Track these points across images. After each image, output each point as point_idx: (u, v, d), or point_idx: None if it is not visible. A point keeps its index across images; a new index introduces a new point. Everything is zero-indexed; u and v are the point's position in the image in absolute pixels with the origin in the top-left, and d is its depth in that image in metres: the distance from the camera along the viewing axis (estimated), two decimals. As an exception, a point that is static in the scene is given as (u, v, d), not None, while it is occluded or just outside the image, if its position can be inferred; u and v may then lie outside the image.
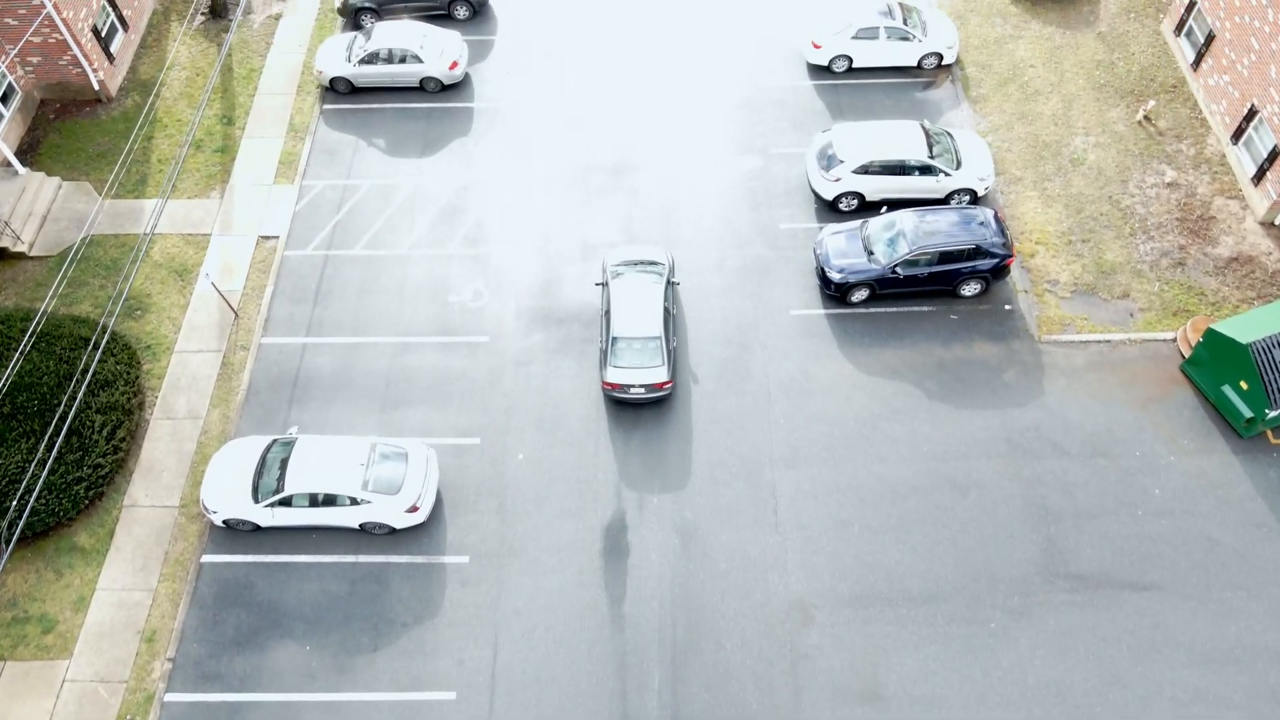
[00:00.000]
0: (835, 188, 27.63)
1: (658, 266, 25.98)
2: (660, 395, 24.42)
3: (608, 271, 25.99)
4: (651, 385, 24.12)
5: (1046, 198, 28.31)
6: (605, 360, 24.35)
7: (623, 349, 24.24)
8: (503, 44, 33.61)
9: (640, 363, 24.10)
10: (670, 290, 25.73)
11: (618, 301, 24.86)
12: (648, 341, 24.24)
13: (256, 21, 34.49)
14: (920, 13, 31.78)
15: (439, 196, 29.34)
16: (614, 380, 24.14)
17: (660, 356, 24.15)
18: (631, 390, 24.25)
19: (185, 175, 29.92)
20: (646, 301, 24.74)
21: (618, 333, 24.37)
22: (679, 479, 23.64)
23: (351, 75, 31.45)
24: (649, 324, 24.42)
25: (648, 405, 24.78)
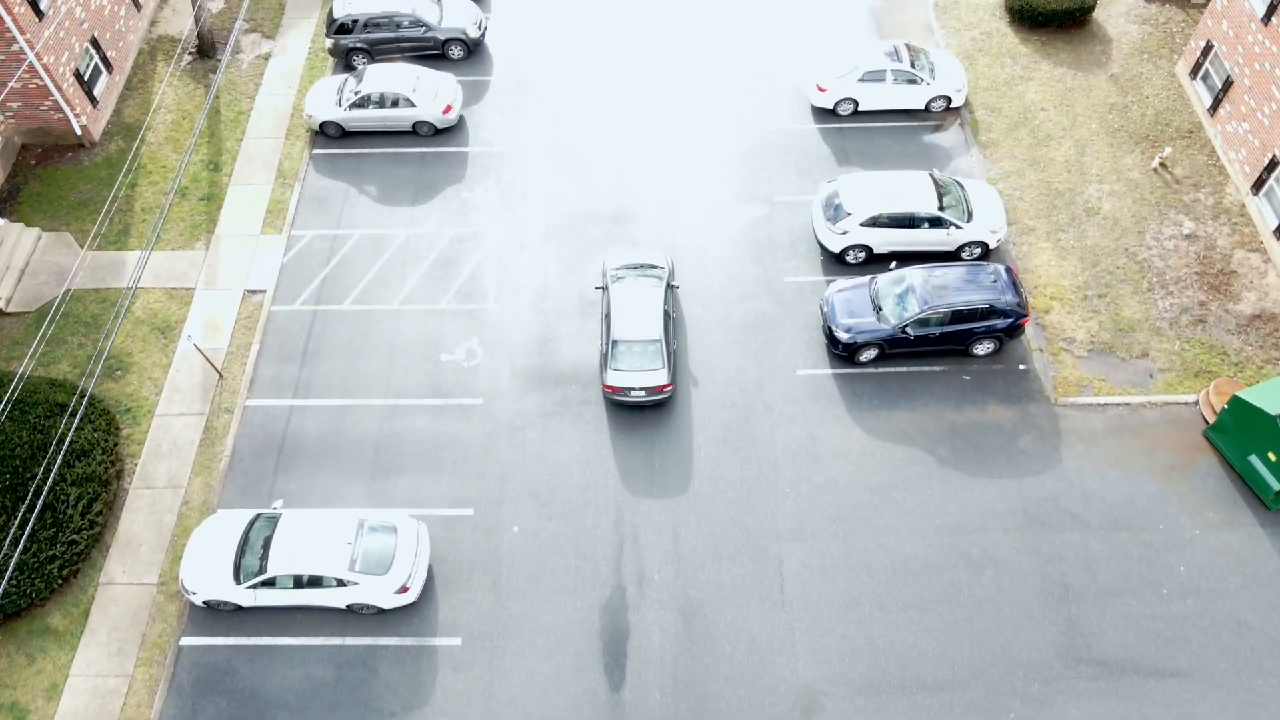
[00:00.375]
0: (842, 240, 26.68)
1: (658, 270, 25.98)
2: (661, 398, 24.37)
3: (608, 275, 25.94)
4: (652, 388, 24.12)
5: (1060, 249, 27.36)
6: (605, 363, 24.33)
7: (623, 352, 24.23)
8: (498, 85, 32.68)
9: (640, 365, 24.12)
10: (670, 293, 25.78)
11: (618, 305, 24.88)
12: (648, 345, 24.25)
13: (245, 61, 33.56)
14: (928, 54, 30.88)
15: (432, 247, 28.36)
16: (614, 383, 24.12)
17: (660, 359, 24.16)
18: (632, 393, 24.20)
19: (169, 225, 28.94)
20: (646, 305, 24.76)
21: (618, 336, 24.37)
22: (681, 552, 22.60)
23: (342, 120, 30.49)
24: (649, 327, 24.41)
25: (647, 466, 23.80)
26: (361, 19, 32.07)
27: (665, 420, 24.69)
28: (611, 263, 26.38)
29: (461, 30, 32.60)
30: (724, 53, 33.33)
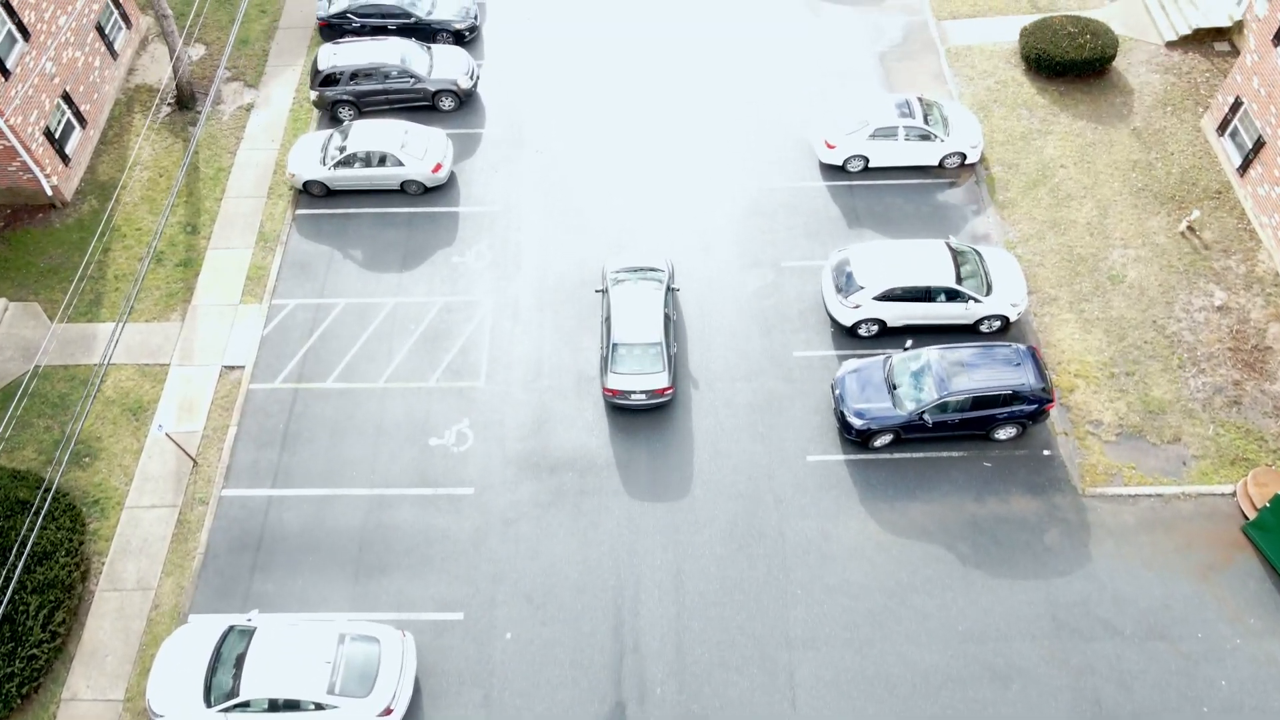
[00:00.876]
0: (854, 315, 25.21)
1: (658, 273, 25.84)
2: (661, 401, 24.36)
3: (608, 278, 25.83)
4: (652, 391, 24.09)
5: (1084, 322, 25.91)
6: (606, 366, 24.29)
7: (623, 355, 24.20)
8: (491, 138, 31.19)
9: (641, 368, 24.11)
10: (670, 296, 25.75)
11: (618, 308, 24.86)
12: (648, 347, 24.20)
13: (226, 113, 32.07)
14: (942, 108, 29.41)
15: (420, 317, 26.87)
16: (614, 386, 24.09)
17: (661, 362, 24.13)
18: (632, 396, 24.18)
19: (144, 294, 27.45)
20: (647, 308, 24.74)
21: (618, 339, 24.34)
22: (685, 663, 21.07)
23: (326, 179, 28.99)
24: (649, 330, 24.38)
25: (649, 565, 22.28)
26: (347, 70, 30.57)
27: (669, 515, 23.19)
28: (611, 266, 26.24)
29: (453, 81, 31.12)
30: (727, 103, 31.86)
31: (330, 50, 31.00)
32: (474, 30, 33.61)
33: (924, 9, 34.31)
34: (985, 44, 32.89)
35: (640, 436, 24.51)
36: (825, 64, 32.74)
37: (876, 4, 34.58)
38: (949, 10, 34.11)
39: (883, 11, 34.33)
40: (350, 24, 32.90)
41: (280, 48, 34.03)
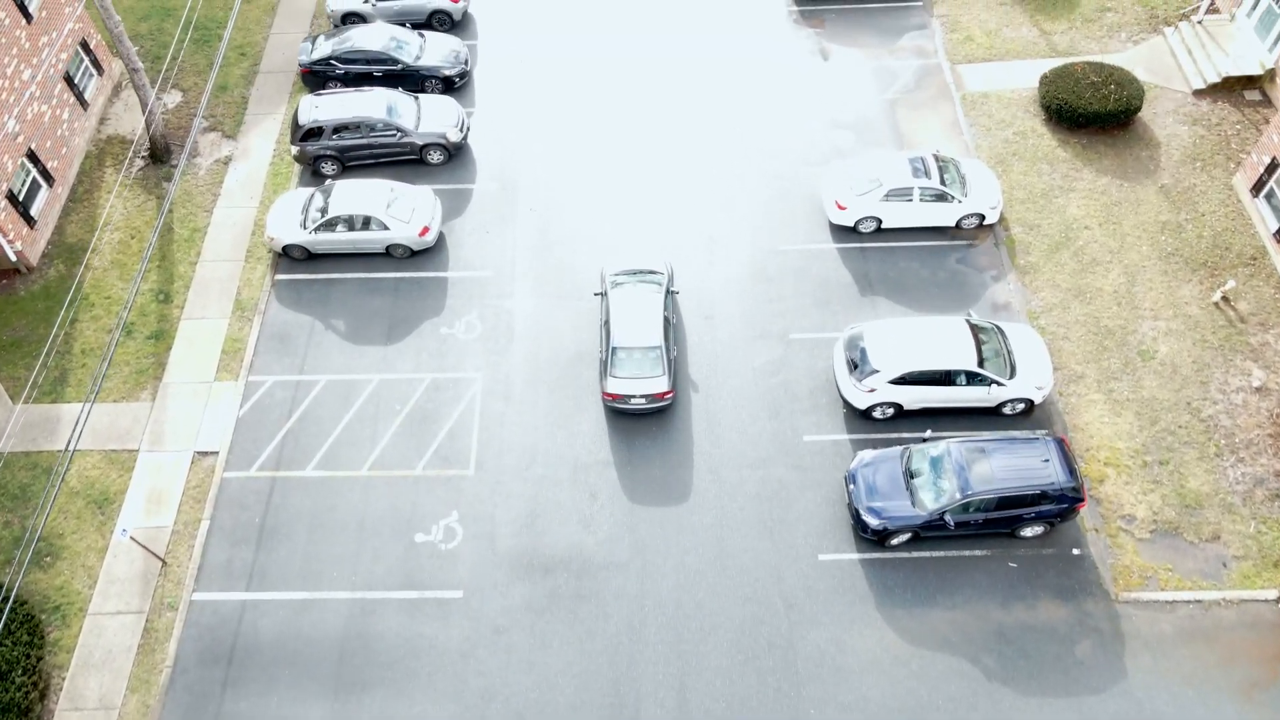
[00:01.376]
0: (869, 398, 23.63)
1: (657, 276, 25.70)
2: (661, 405, 24.21)
3: (606, 281, 25.66)
4: (652, 395, 23.95)
5: (1113, 403, 24.33)
6: (605, 371, 24.14)
7: (623, 359, 24.05)
8: (482, 195, 29.54)
9: (641, 373, 23.97)
10: (670, 299, 25.67)
11: (617, 311, 24.72)
12: (648, 351, 24.08)
13: (203, 167, 30.40)
14: (959, 166, 27.78)
15: (406, 396, 25.29)
16: (614, 391, 23.94)
17: (661, 366, 24.02)
18: (632, 400, 24.08)
19: (113, 370, 25.84)
20: (646, 311, 24.62)
21: (617, 343, 24.18)
22: (690, 787, 19.58)
23: (307, 243, 27.35)
24: (649, 334, 24.24)
25: (650, 682, 20.69)
26: (329, 124, 28.90)
27: (672, 622, 21.52)
28: (610, 269, 25.98)
29: (441, 135, 29.43)
30: (731, 157, 30.18)
31: (311, 103, 29.33)
32: (465, 76, 31.96)
33: (937, 52, 32.64)
34: (1003, 90, 31.24)
35: (640, 532, 22.92)
36: (835, 112, 31.06)
37: (887, 47, 32.93)
38: (964, 54, 32.44)
39: (894, 55, 32.67)
40: (333, 70, 31.23)
41: (260, 94, 32.34)
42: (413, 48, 31.48)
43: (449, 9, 33.35)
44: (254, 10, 34.93)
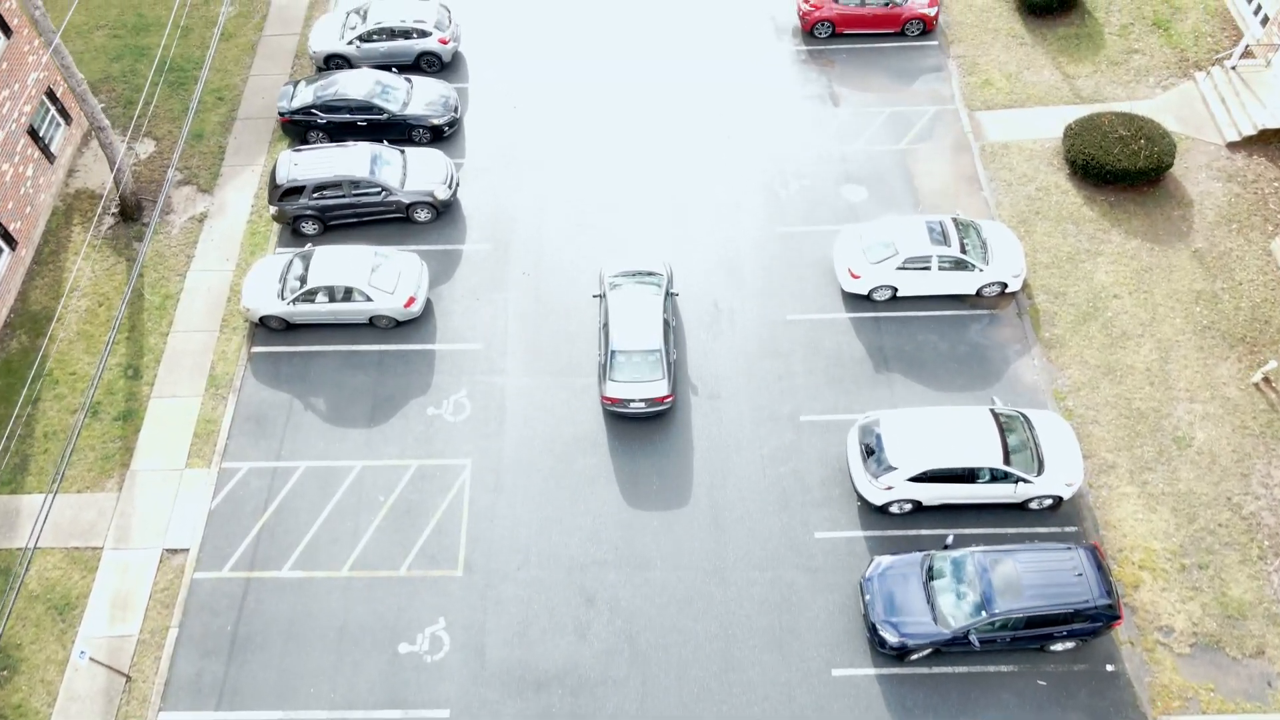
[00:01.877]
0: (885, 495, 22.00)
1: (656, 277, 25.44)
2: (660, 409, 24.00)
3: (605, 283, 25.43)
4: (652, 399, 23.75)
5: (1148, 496, 22.72)
6: (604, 374, 23.94)
7: (622, 363, 23.83)
8: (472, 256, 27.83)
9: (640, 376, 23.76)
10: (669, 301, 25.42)
11: (616, 314, 24.48)
12: (647, 355, 23.87)
13: (176, 225, 28.68)
14: (979, 230, 26.06)
15: (391, 485, 23.64)
16: (613, 395, 23.73)
17: (660, 370, 23.81)
18: (631, 405, 23.88)
19: (77, 455, 24.22)
20: (645, 314, 24.41)
21: (616, 346, 23.99)
22: None
23: (285, 314, 25.66)
24: (648, 337, 24.02)
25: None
26: (309, 184, 27.18)
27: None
28: (609, 270, 25.72)
29: (428, 193, 27.70)
30: (736, 214, 28.39)
31: (289, 160, 27.57)
32: (454, 125, 30.20)
33: (954, 97, 30.86)
34: (1024, 141, 29.49)
35: (641, 642, 21.29)
36: (847, 163, 29.26)
37: (901, 90, 31.14)
38: (982, 99, 30.67)
39: (908, 100, 30.89)
40: (315, 120, 29.44)
41: (238, 143, 30.58)
42: (399, 95, 29.71)
43: (438, 51, 31.57)
44: (232, 50, 33.13)
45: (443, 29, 31.46)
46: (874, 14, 31.92)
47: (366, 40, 31.31)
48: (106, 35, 33.59)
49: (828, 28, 32.32)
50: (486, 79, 32.21)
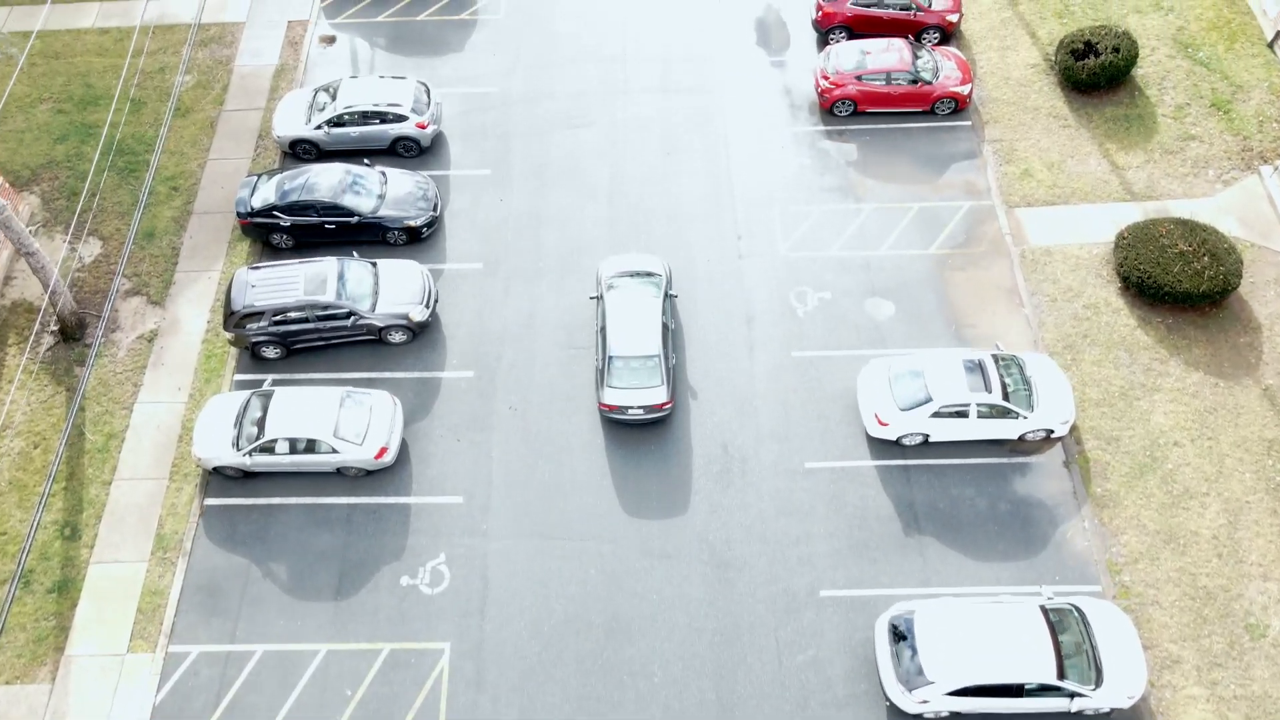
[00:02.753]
0: (920, 708, 19.29)
1: (655, 277, 24.82)
2: (659, 416, 23.61)
3: (602, 283, 24.84)
4: (650, 406, 23.32)
5: (1218, 700, 19.97)
6: (601, 381, 23.49)
7: (620, 369, 23.33)
8: (453, 387, 24.82)
9: (639, 383, 23.31)
10: (669, 303, 24.90)
11: (613, 317, 23.96)
12: (646, 360, 23.38)
13: (123, 345, 25.73)
14: (1023, 368, 23.05)
15: (358, 675, 20.83)
16: (611, 402, 23.31)
17: (659, 376, 23.35)
18: (630, 411, 23.42)
19: (6, 637, 21.46)
20: (644, 317, 23.89)
21: (614, 351, 23.46)
22: None
23: (242, 465, 22.87)
24: (647, 342, 23.52)
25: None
26: (268, 310, 24.25)
27: None
28: (606, 270, 25.14)
29: (403, 315, 24.73)
30: (748, 339, 25.38)
31: (245, 281, 24.50)
32: (434, 224, 27.16)
33: (990, 190, 27.71)
34: (1069, 246, 26.42)
35: None
36: (872, 274, 26.06)
37: (931, 182, 27.99)
38: (1022, 194, 27.54)
39: (939, 193, 27.76)
40: (279, 224, 26.42)
41: (194, 243, 27.49)
42: (372, 191, 26.59)
43: (415, 135, 28.40)
44: (188, 128, 29.95)
45: (420, 112, 28.26)
46: (901, 92, 28.71)
47: (337, 124, 28.14)
48: (51, 110, 30.39)
49: (849, 106, 29.16)
50: (471, 163, 29.09)
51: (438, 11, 32.78)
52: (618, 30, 32.09)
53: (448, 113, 30.13)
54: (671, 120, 29.72)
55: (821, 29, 30.69)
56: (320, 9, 32.87)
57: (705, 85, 30.56)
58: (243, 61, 31.63)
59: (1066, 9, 31.31)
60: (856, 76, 28.53)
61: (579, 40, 31.86)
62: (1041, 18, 31.26)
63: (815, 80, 29.37)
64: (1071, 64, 28.69)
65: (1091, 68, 28.36)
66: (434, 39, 32.04)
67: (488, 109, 30.26)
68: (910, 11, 30.08)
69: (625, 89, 30.54)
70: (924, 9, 30.06)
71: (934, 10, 30.15)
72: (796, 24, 31.92)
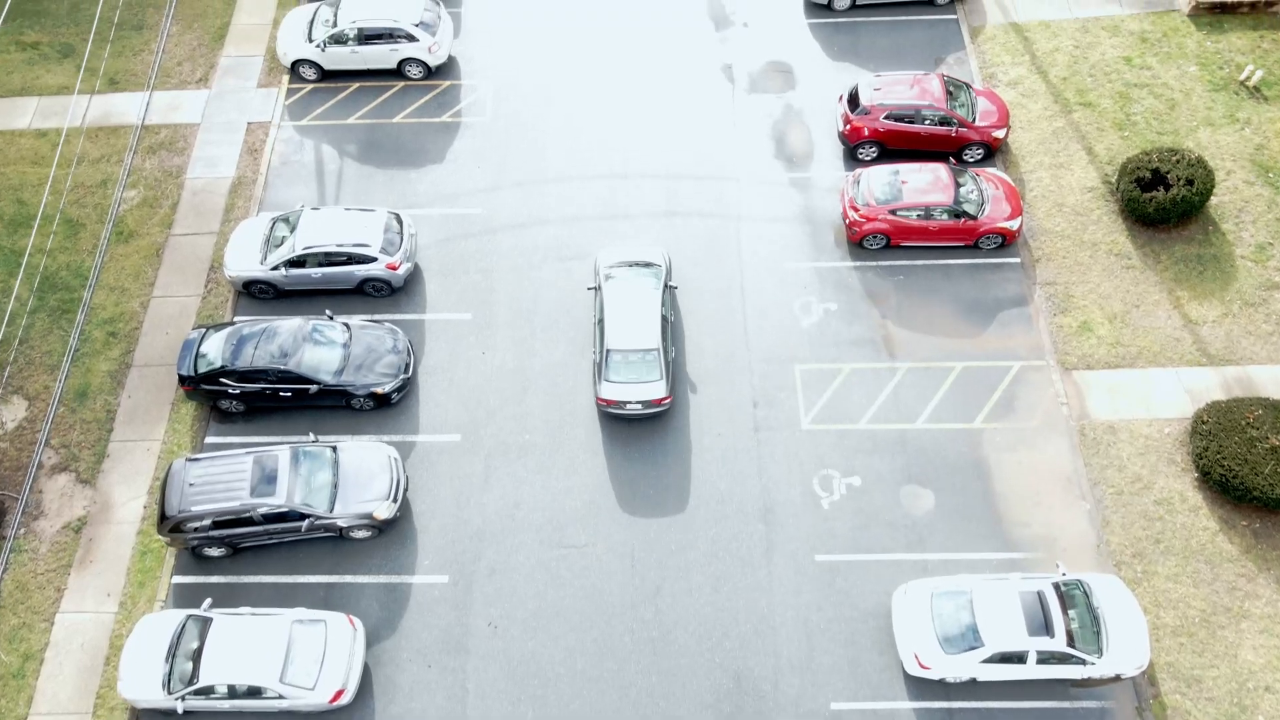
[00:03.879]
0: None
1: (654, 268, 24.25)
2: (658, 410, 23.03)
3: (600, 274, 24.28)
4: (649, 401, 22.77)
5: None
6: (599, 374, 23.01)
7: (618, 363, 22.82)
8: (424, 596, 21.24)
9: (637, 377, 22.79)
10: (668, 294, 24.45)
11: (612, 309, 23.41)
12: (645, 354, 22.89)
13: (46, 537, 22.33)
14: (1090, 597, 19.38)
15: None
16: (609, 396, 22.79)
17: (658, 370, 22.84)
18: (628, 406, 22.91)
19: None
20: (643, 309, 23.36)
21: (612, 345, 22.94)
22: None
23: (174, 709, 19.63)
24: (646, 335, 23.01)
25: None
26: (206, 517, 20.80)
27: None
28: (604, 260, 24.58)
29: (366, 515, 21.23)
30: (763, 536, 21.84)
31: (181, 479, 20.90)
32: (404, 388, 23.75)
33: (1043, 347, 24.18)
34: (1137, 421, 22.91)
35: None
36: (908, 454, 22.53)
37: (975, 336, 24.34)
38: (1080, 352, 23.97)
39: (986, 351, 24.19)
40: (226, 391, 23.02)
41: (133, 404, 24.04)
42: (334, 353, 23.07)
43: (385, 277, 24.86)
44: (131, 257, 26.42)
45: (391, 251, 24.72)
46: (940, 227, 25.08)
47: (296, 264, 24.69)
48: (-23, 233, 27.01)
49: (881, 239, 25.61)
50: (449, 305, 25.59)
51: (416, 112, 29.16)
52: (618, 139, 28.39)
53: (425, 240, 26.61)
54: (679, 252, 26.11)
55: (849, 143, 27.09)
56: (284, 108, 29.27)
57: (717, 209, 26.94)
58: (195, 173, 28.04)
59: (1127, 118, 27.59)
60: (890, 211, 24.97)
61: (574, 151, 28.21)
62: (1099, 129, 27.56)
63: (843, 208, 25.76)
64: (1137, 195, 25.03)
65: (1161, 202, 24.71)
66: (411, 146, 28.43)
67: (469, 235, 26.75)
68: (951, 128, 26.44)
69: (626, 213, 26.93)
70: (966, 124, 26.40)
71: (978, 126, 26.51)
72: (820, 131, 28.24)
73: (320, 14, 29.25)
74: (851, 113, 26.74)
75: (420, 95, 29.53)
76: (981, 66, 29.23)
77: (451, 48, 30.25)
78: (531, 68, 30.11)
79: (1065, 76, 28.61)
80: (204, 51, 30.53)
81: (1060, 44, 29.31)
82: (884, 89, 26.67)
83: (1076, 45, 29.24)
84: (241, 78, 30.02)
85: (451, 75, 29.93)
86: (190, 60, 30.33)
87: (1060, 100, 28.22)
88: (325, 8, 29.37)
